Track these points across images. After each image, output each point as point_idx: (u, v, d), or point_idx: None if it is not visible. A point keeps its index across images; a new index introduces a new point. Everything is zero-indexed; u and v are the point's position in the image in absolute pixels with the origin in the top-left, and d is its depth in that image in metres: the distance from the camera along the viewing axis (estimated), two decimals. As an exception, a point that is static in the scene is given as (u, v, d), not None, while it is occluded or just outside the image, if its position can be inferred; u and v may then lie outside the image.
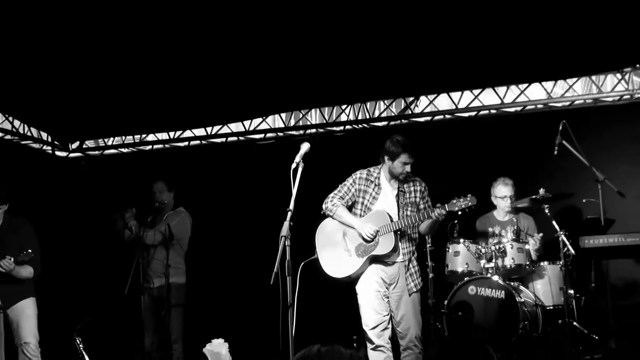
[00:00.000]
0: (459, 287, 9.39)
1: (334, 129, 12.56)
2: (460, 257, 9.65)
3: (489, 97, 11.80)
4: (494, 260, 9.52)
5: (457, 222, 9.40)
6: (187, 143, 13.35)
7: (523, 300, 9.21)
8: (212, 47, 9.81)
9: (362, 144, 11.45)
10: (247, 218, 11.62)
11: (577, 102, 11.39)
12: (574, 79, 11.32)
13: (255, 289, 7.60)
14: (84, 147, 13.61)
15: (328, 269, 8.11)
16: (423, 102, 12.17)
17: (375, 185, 8.09)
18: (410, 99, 12.20)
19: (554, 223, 9.61)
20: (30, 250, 8.39)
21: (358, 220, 7.99)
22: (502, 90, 11.70)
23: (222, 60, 10.26)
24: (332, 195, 8.19)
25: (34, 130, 12.84)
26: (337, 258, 8.08)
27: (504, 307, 9.19)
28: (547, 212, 9.70)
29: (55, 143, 13.24)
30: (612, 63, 10.65)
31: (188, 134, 13.26)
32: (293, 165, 6.89)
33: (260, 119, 12.82)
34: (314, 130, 12.61)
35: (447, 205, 7.67)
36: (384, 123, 12.35)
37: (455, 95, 11.93)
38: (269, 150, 12.47)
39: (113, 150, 13.66)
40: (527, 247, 9.67)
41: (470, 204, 7.69)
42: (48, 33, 9.19)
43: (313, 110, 12.70)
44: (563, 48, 10.05)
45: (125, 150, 13.62)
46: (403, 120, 12.24)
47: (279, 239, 6.74)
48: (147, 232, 9.91)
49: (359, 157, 9.88)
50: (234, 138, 13.06)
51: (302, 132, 12.68)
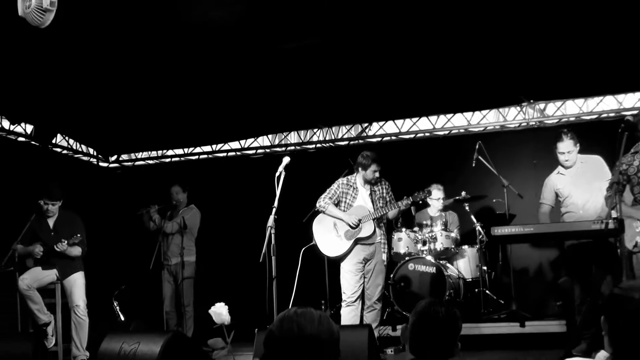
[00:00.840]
0: (401, 264, 9.39)
1: (308, 147, 12.52)
2: (402, 242, 9.64)
3: (424, 123, 11.81)
4: (428, 244, 9.56)
5: (400, 217, 9.41)
6: (197, 157, 13.27)
7: (449, 274, 9.22)
8: (216, 83, 9.78)
9: (328, 159, 11.46)
10: (242, 213, 11.57)
11: (489, 127, 11.43)
12: (487, 111, 11.36)
13: (248, 266, 7.53)
14: (120, 159, 13.52)
15: (324, 250, 8.35)
16: (375, 127, 12.16)
17: (354, 189, 8.31)
18: (365, 125, 12.19)
19: (472, 217, 9.82)
20: (79, 235, 8.42)
21: (345, 214, 8.22)
22: (434, 119, 11.71)
23: (224, 94, 10.24)
24: (322, 197, 8.38)
25: (84, 147, 12.76)
26: (331, 242, 8.28)
27: (435, 279, 9.19)
28: (467, 209, 9.93)
29: (99, 156, 13.15)
30: (514, 99, 10.71)
31: (198, 150, 13.19)
32: (277, 174, 6.97)
33: (253, 139, 12.77)
34: (293, 148, 12.56)
35: (410, 197, 8.09)
36: (345, 142, 12.33)
37: (399, 122, 11.93)
38: (259, 163, 12.42)
39: (142, 162, 13.57)
40: (452, 234, 9.72)
41: (427, 195, 8.32)
42: (93, 70, 9.14)
43: (292, 132, 12.65)
44: (478, 87, 10.14)
45: (151, 162, 13.54)
46: (360, 141, 12.22)
47: (266, 229, 6.76)
48: (166, 223, 10.04)
49: (327, 168, 9.94)
50: (233, 153, 13.00)
51: (284, 149, 12.63)
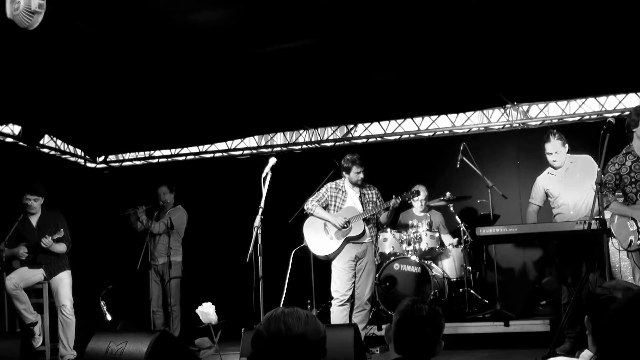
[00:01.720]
0: (387, 264, 9.40)
1: (294, 148, 12.51)
2: (388, 242, 9.64)
3: (409, 125, 11.83)
4: (413, 245, 9.56)
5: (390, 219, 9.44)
6: (184, 157, 13.24)
7: (434, 274, 9.23)
8: (204, 85, 9.76)
9: (314, 159, 11.48)
10: (229, 213, 11.55)
11: (473, 129, 11.44)
12: (471, 112, 11.39)
13: (235, 266, 7.54)
14: (108, 160, 13.46)
15: (315, 251, 8.41)
16: (360, 128, 12.17)
17: (343, 192, 8.39)
18: (351, 126, 12.19)
19: (457, 217, 9.82)
20: (62, 230, 8.44)
21: (332, 215, 8.30)
22: (418, 120, 11.74)
23: (211, 95, 10.21)
24: (310, 199, 8.43)
25: (71, 147, 12.71)
26: (321, 242, 8.34)
27: (420, 279, 9.21)
28: (452, 209, 9.93)
29: (87, 157, 13.09)
30: (497, 101, 10.73)
31: (185, 151, 13.15)
32: (263, 174, 7.01)
33: (239, 140, 12.75)
34: (279, 149, 12.56)
35: (399, 197, 8.19)
36: (331, 144, 12.33)
37: (384, 123, 11.94)
38: (246, 164, 12.40)
39: (129, 163, 13.52)
40: (436, 234, 9.73)
41: (415, 195, 8.57)
42: (81, 70, 9.10)
43: (278, 134, 12.64)
44: (462, 89, 10.18)
45: (138, 163, 13.49)
46: (345, 142, 12.22)
47: (253, 229, 6.76)
48: (154, 223, 10.01)
49: (313, 169, 9.95)
50: (220, 154, 12.97)
51: (270, 150, 12.63)
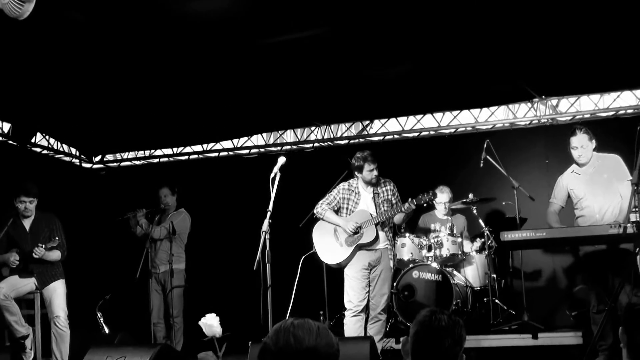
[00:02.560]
0: (405, 272, 9.39)
1: (305, 146, 12.52)
2: (406, 248, 9.63)
3: (429, 121, 11.81)
4: (433, 250, 9.55)
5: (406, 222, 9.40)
6: (187, 157, 13.26)
7: (456, 282, 9.20)
8: (210, 79, 9.75)
9: (327, 159, 11.49)
10: (235, 217, 11.56)
11: (497, 125, 11.43)
12: (496, 107, 11.36)
13: (242, 274, 7.52)
14: (105, 159, 13.50)
15: (324, 258, 8.38)
16: (376, 125, 12.16)
17: (356, 194, 8.32)
18: (366, 122, 12.18)
19: (480, 221, 9.79)
20: (57, 238, 8.48)
21: (343, 219, 8.24)
22: (439, 116, 11.71)
23: (217, 90, 10.20)
24: (321, 202, 8.41)
25: (65, 146, 12.75)
26: (331, 249, 8.30)
27: (441, 287, 9.19)
28: (475, 212, 9.90)
29: (82, 157, 13.13)
30: (524, 95, 10.69)
31: (188, 150, 13.17)
32: (272, 175, 6.97)
33: (246, 138, 12.76)
34: (289, 147, 12.56)
35: (414, 200, 8.01)
36: (345, 142, 12.32)
37: (402, 120, 11.93)
38: (253, 163, 12.41)
39: (128, 163, 13.56)
40: (459, 240, 9.68)
41: (433, 197, 8.14)
42: (76, 65, 9.10)
43: (288, 131, 12.65)
44: (486, 82, 10.13)
45: (138, 163, 13.52)
46: (360, 140, 12.21)
47: (261, 234, 6.75)
48: (154, 228, 9.99)
49: (325, 169, 9.95)
50: (225, 153, 12.99)
51: (279, 148, 12.63)
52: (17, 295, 8.40)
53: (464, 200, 9.84)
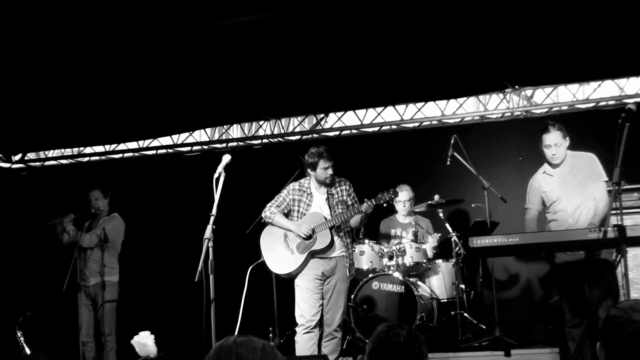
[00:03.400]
0: (364, 283, 9.38)
1: (253, 143, 12.52)
2: (365, 256, 9.63)
3: (390, 114, 11.85)
4: (395, 259, 9.56)
5: (362, 225, 9.40)
6: (121, 155, 13.19)
7: (420, 294, 9.23)
8: (144, 66, 9.68)
9: (277, 156, 11.49)
10: (175, 222, 11.53)
11: (466, 118, 11.50)
12: (464, 99, 11.43)
13: (182, 286, 7.51)
14: (26, 159, 13.37)
15: (274, 267, 8.38)
16: (332, 118, 12.18)
17: (308, 194, 8.33)
18: (321, 116, 12.20)
19: (447, 225, 9.81)
20: None
21: (294, 223, 8.23)
22: (401, 108, 11.75)
23: (153, 78, 10.11)
24: (269, 205, 8.39)
25: (-22, 144, 12.60)
26: (281, 257, 8.29)
27: (404, 300, 9.21)
28: (441, 215, 9.93)
29: (0, 155, 12.99)
30: (495, 85, 10.76)
31: (122, 147, 13.10)
32: (215, 175, 6.93)
33: (187, 134, 12.73)
34: (235, 144, 12.55)
35: (373, 200, 8.06)
36: (297, 137, 12.34)
37: (361, 113, 11.96)
38: (195, 162, 12.38)
39: (53, 162, 13.44)
40: (423, 246, 9.71)
41: (393, 196, 8.25)
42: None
43: (234, 126, 12.64)
44: (454, 70, 10.14)
45: (65, 162, 13.41)
46: (314, 135, 12.24)
47: (203, 241, 6.73)
48: (83, 235, 9.89)
49: (275, 168, 9.95)
50: (164, 151, 12.95)
51: (224, 145, 12.62)
52: None
53: (429, 203, 9.87)
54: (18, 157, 13.29)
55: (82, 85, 10.21)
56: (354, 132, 12.07)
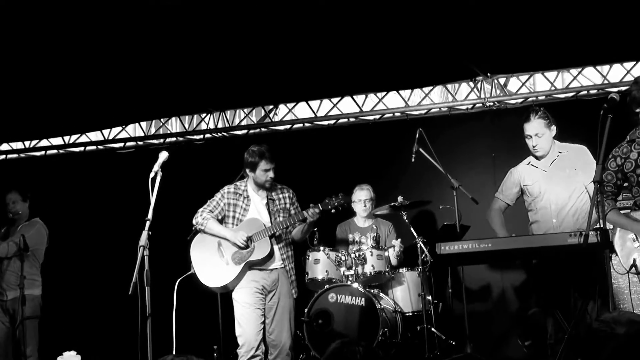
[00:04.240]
0: (320, 294, 9.37)
1: (194, 138, 12.51)
2: (320, 264, 9.61)
3: (348, 105, 11.88)
4: (354, 268, 9.51)
5: (316, 230, 9.39)
6: (43, 152, 13.11)
7: (383, 307, 9.24)
8: (69, 52, 9.61)
9: (222, 153, 11.47)
10: (106, 228, 11.49)
11: (433, 110, 11.56)
12: (430, 88, 11.48)
13: (113, 300, 7.49)
14: None
15: (206, 281, 8.22)
16: (282, 110, 12.20)
17: (244, 198, 8.26)
18: (270, 108, 12.22)
19: (412, 230, 9.73)
20: None
21: (230, 230, 8.14)
22: (360, 99, 11.79)
23: (79, 67, 10.04)
24: (201, 210, 8.29)
25: None
26: (214, 269, 8.18)
27: (364, 314, 9.20)
28: (405, 219, 9.80)
29: None
30: (465, 72, 10.81)
31: (44, 143, 13.03)
32: (151, 174, 6.87)
33: (120, 128, 12.68)
34: (174, 139, 12.53)
35: (320, 205, 8.00)
36: (244, 131, 12.34)
37: (314, 104, 11.98)
38: (129, 159, 12.34)
39: (-36, 161, 13.34)
40: (386, 254, 9.68)
41: (343, 202, 8.09)
42: None
43: (173, 119, 12.63)
44: (418, 56, 10.18)
45: (-24, 161, 13.32)
46: (262, 129, 12.26)
47: (138, 249, 6.70)
48: (0, 244, 9.73)
49: (219, 165, 9.90)
50: (93, 147, 12.90)
51: (162, 140, 12.60)
52: None
53: (392, 204, 9.85)
54: None
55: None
56: (307, 125, 12.11)
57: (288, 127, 12.15)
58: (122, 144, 12.81)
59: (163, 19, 8.83)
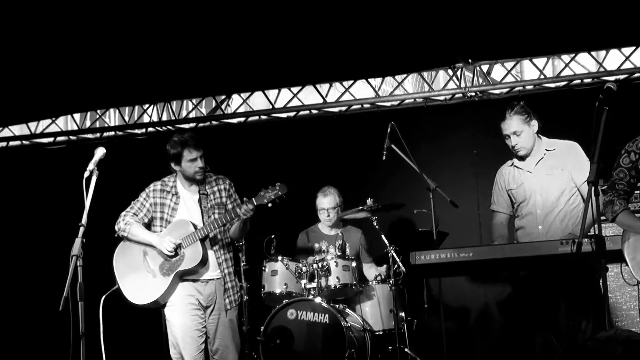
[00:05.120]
0: (277, 310, 9.35)
1: (135, 132, 12.48)
2: (279, 276, 9.58)
3: (310, 95, 11.88)
4: (317, 280, 9.50)
5: (274, 236, 9.39)
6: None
7: (349, 325, 9.24)
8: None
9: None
10: (34, 235, 11.43)
11: (407, 101, 11.58)
12: (404, 76, 11.50)
13: (43, 317, 7.47)
14: None
15: (132, 297, 8.07)
16: (236, 101, 12.19)
17: (173, 195, 8.14)
18: (222, 98, 12.20)
19: (383, 237, 9.69)
20: None
21: (156, 236, 7.99)
22: (324, 88, 11.80)
23: (2, 54, 10.00)
24: (124, 214, 8.16)
25: None
26: (141, 282, 8.04)
27: (328, 332, 9.20)
28: (375, 224, 9.77)
29: None
30: (443, 58, 10.83)
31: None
32: (86, 174, 6.83)
33: (50, 121, 12.63)
34: (113, 133, 12.50)
35: (254, 199, 7.80)
36: (192, 124, 12.32)
37: (272, 93, 11.98)
38: (60, 157, 12.30)
39: None
40: (353, 264, 9.64)
41: (281, 194, 7.88)
42: None
43: (111, 110, 12.61)
44: (390, 40, 10.17)
45: None
46: (213, 122, 12.24)
47: (70, 259, 6.68)
48: None
49: (164, 163, 9.85)
50: (17, 142, 12.83)
51: (98, 135, 12.56)
52: None
53: (360, 208, 9.83)
54: None
55: None
56: (264, 118, 12.09)
57: (242, 119, 12.13)
58: (51, 139, 12.74)
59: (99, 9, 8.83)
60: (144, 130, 12.45)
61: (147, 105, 12.37)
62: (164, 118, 12.35)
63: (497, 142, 8.14)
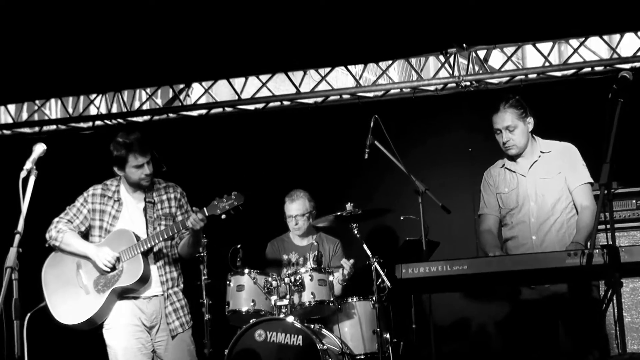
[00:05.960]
0: (244, 331, 9.32)
1: (80, 126, 12.45)
2: (245, 292, 9.56)
3: (282, 84, 11.87)
4: (289, 297, 9.49)
5: (240, 246, 9.36)
6: None
7: (326, 348, 9.21)
8: None
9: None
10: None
11: (392, 91, 11.56)
12: (389, 62, 11.48)
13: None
14: None
15: (61, 316, 7.94)
16: (197, 90, 12.16)
17: (115, 201, 8.04)
18: (180, 87, 12.18)
19: (365, 247, 9.68)
20: None
21: (93, 247, 7.87)
22: (297, 76, 11.78)
23: None
24: (56, 221, 8.01)
25: None
26: (72, 299, 7.92)
27: (302, 356, 9.16)
28: (356, 233, 9.74)
29: None
30: (434, 43, 10.82)
31: None
32: (23, 174, 6.77)
33: (-21, 113, 12.63)
34: (54, 127, 12.46)
35: (206, 209, 7.67)
36: (146, 117, 12.30)
37: (238, 82, 11.94)
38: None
39: None
40: (330, 278, 9.62)
41: (237, 204, 7.71)
42: None
43: (52, 101, 12.56)
44: (372, 21, 10.15)
45: None
46: (170, 114, 12.21)
47: (4, 271, 6.64)
48: None
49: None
50: (-56, 137, 12.83)
51: (37, 129, 12.51)
52: None
53: (338, 214, 9.81)
54: None
55: None
56: (229, 110, 12.07)
57: (204, 112, 12.12)
58: (-18, 134, 12.74)
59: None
60: (91, 124, 12.43)
61: (94, 96, 12.34)
62: (114, 110, 12.34)
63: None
